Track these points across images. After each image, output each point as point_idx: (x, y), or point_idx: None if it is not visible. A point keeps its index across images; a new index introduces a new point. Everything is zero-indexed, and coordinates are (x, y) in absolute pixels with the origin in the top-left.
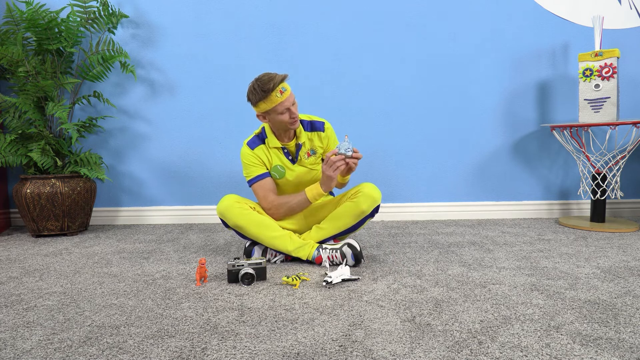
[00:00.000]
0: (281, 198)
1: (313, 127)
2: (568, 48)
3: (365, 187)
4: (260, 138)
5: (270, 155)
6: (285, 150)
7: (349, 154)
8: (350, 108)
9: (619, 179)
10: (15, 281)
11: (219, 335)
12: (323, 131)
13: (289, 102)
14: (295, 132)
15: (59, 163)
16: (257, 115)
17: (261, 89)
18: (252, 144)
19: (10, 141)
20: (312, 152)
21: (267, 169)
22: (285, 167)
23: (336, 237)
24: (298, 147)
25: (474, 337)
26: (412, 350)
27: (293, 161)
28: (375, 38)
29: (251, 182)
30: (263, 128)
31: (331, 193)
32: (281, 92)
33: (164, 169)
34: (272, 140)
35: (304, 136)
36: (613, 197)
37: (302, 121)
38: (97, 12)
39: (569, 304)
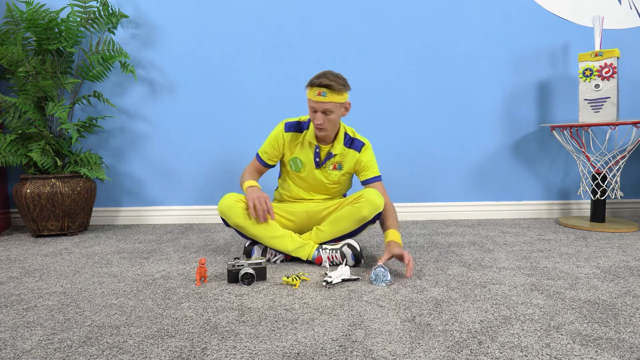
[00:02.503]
0: (246, 172)
1: (352, 144)
2: (568, 48)
3: (367, 192)
4: (300, 126)
5: (298, 146)
6: (317, 151)
7: (385, 284)
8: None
9: (619, 179)
10: (15, 281)
11: (219, 335)
12: (359, 152)
13: (319, 107)
14: (333, 140)
15: (59, 163)
16: None
17: (310, 79)
18: (288, 127)
19: (10, 141)
20: (339, 167)
21: (274, 160)
22: (304, 165)
23: (337, 240)
24: (329, 155)
25: (474, 337)
26: (412, 350)
27: (318, 165)
28: (375, 38)
29: (256, 154)
30: (309, 120)
31: (344, 196)
32: (319, 94)
33: (164, 169)
34: (310, 134)
35: (339, 149)
36: (613, 197)
37: (345, 134)
38: (97, 12)
39: (569, 304)
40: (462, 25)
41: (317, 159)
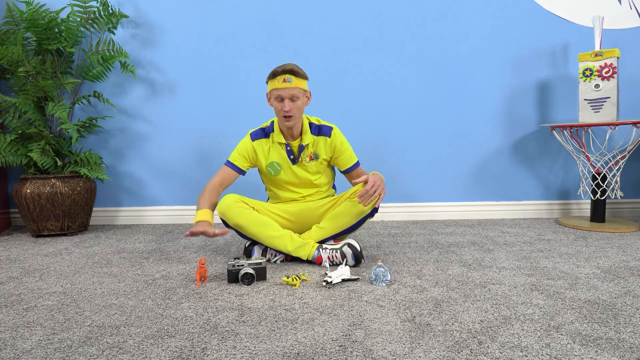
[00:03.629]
0: (207, 191)
1: (320, 131)
2: (568, 48)
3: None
4: (266, 132)
5: (270, 150)
6: (288, 148)
7: (385, 284)
8: (349, 108)
9: (619, 179)
10: (15, 281)
11: (219, 335)
12: (329, 137)
13: (286, 93)
14: (301, 132)
15: (59, 163)
16: (267, 95)
17: (272, 70)
18: (254, 136)
19: (10, 141)
20: (315, 156)
21: (245, 167)
22: (282, 165)
23: (336, 237)
24: (301, 148)
25: (474, 337)
26: (412, 350)
27: (294, 161)
28: (375, 38)
29: (225, 162)
30: (272, 122)
31: (334, 187)
32: (284, 81)
33: (164, 169)
34: (277, 135)
35: (309, 138)
36: (613, 197)
37: (310, 124)
38: (97, 12)
39: (569, 304)
40: (462, 25)
41: (292, 156)
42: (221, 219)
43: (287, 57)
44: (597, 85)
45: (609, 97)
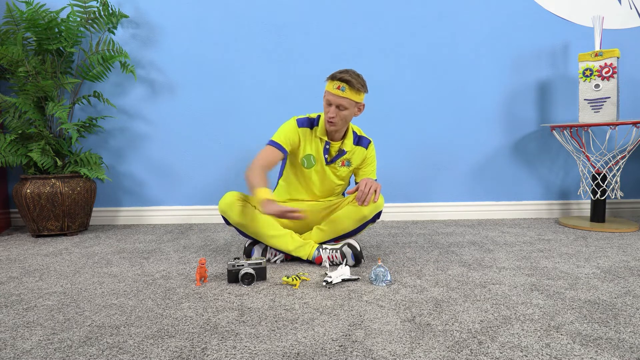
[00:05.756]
0: (259, 169)
1: (359, 141)
2: (568, 48)
3: None
4: (311, 122)
5: (309, 142)
6: (327, 147)
7: (385, 284)
8: None
9: (619, 179)
10: (15, 281)
11: (219, 335)
12: (366, 149)
13: (335, 100)
14: (343, 137)
15: (59, 163)
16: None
17: (332, 73)
18: (300, 122)
19: (10, 141)
20: (347, 163)
21: (288, 150)
22: (316, 161)
23: (337, 240)
24: (341, 152)
25: (474, 337)
26: (412, 350)
27: (327, 161)
28: (375, 38)
29: (269, 142)
30: (319, 117)
31: (343, 194)
32: (338, 88)
33: (164, 169)
34: (321, 131)
35: (349, 146)
36: (613, 197)
37: (353, 132)
38: (97, 12)
39: (569, 304)
40: (462, 26)
41: (327, 156)
42: (222, 217)
43: (287, 57)
44: (597, 85)
45: (609, 97)
